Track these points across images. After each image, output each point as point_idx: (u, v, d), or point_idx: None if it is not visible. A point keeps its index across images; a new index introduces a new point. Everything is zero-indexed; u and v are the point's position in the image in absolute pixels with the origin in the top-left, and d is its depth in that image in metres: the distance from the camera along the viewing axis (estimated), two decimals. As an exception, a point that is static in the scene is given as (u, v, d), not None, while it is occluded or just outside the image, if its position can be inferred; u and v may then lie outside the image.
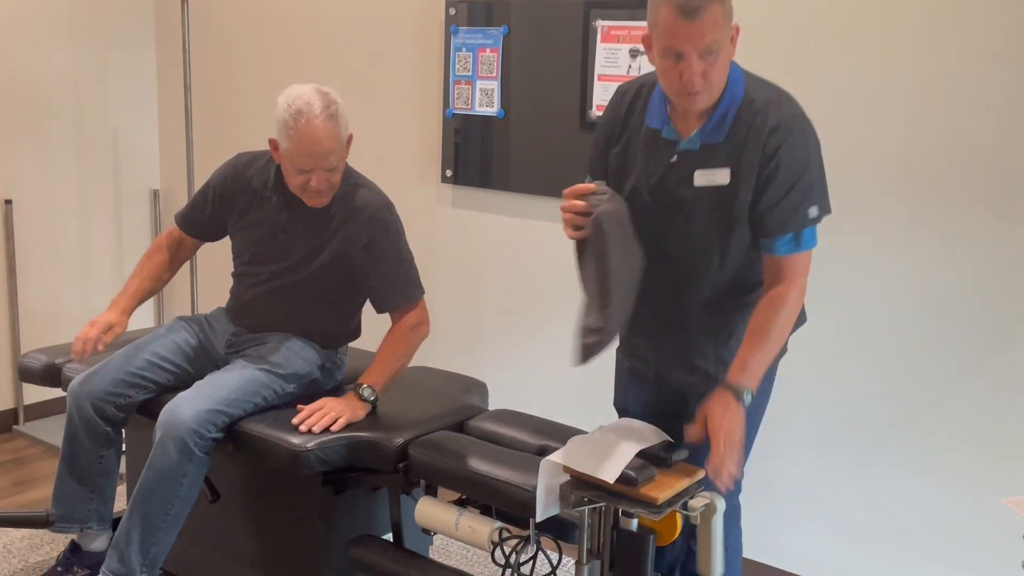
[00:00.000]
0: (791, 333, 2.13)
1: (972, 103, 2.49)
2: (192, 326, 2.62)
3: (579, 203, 1.95)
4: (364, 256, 2.43)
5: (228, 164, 2.63)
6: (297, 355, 2.45)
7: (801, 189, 1.98)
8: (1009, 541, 2.53)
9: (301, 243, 2.47)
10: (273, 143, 2.38)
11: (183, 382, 2.45)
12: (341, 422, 2.29)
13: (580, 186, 1.98)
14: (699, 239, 2.05)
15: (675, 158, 2.02)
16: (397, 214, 2.52)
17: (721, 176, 2.00)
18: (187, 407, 2.27)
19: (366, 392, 2.36)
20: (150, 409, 2.43)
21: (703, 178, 2.01)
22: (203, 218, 2.66)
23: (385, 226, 2.46)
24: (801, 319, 2.22)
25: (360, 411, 2.34)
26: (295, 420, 2.29)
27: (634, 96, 2.10)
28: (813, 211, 2.00)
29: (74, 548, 2.58)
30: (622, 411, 2.31)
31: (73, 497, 2.51)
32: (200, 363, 2.56)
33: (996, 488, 2.57)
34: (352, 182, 2.49)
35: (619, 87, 2.17)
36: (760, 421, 2.24)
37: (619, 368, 2.34)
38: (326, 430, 2.28)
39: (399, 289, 2.47)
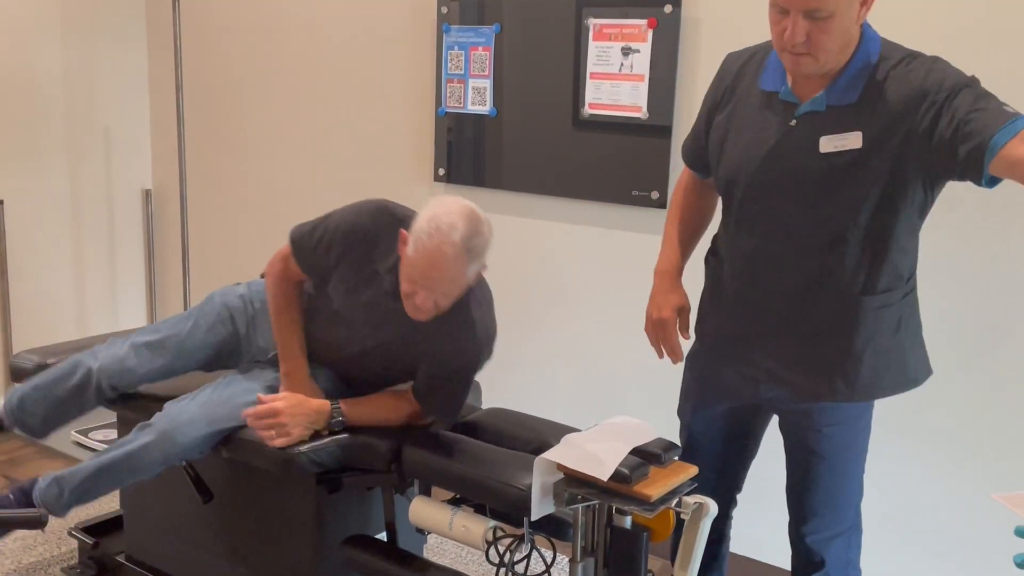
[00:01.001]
0: (918, 378, 1.97)
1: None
2: (234, 320, 2.51)
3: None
4: (433, 367, 2.26)
5: (366, 219, 2.30)
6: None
7: (983, 96, 1.69)
8: (1002, 536, 2.53)
9: (387, 335, 2.28)
10: (404, 237, 2.12)
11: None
12: (289, 441, 2.18)
13: None
14: (830, 215, 1.81)
15: (795, 122, 1.83)
16: (491, 349, 2.27)
17: (852, 140, 1.76)
18: (189, 429, 2.22)
19: (336, 418, 2.24)
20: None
21: (831, 144, 1.78)
22: (324, 265, 2.35)
23: (470, 362, 2.24)
24: (926, 366, 1.99)
25: (315, 427, 2.24)
26: (245, 412, 2.21)
27: (745, 62, 1.96)
28: (1010, 108, 1.68)
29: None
30: (689, 426, 2.23)
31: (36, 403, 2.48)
32: (223, 357, 2.51)
33: (990, 484, 2.57)
34: (466, 306, 2.20)
35: (728, 56, 2.02)
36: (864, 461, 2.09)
37: (700, 377, 2.17)
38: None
39: (439, 406, 2.30)
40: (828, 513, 2.07)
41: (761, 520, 2.97)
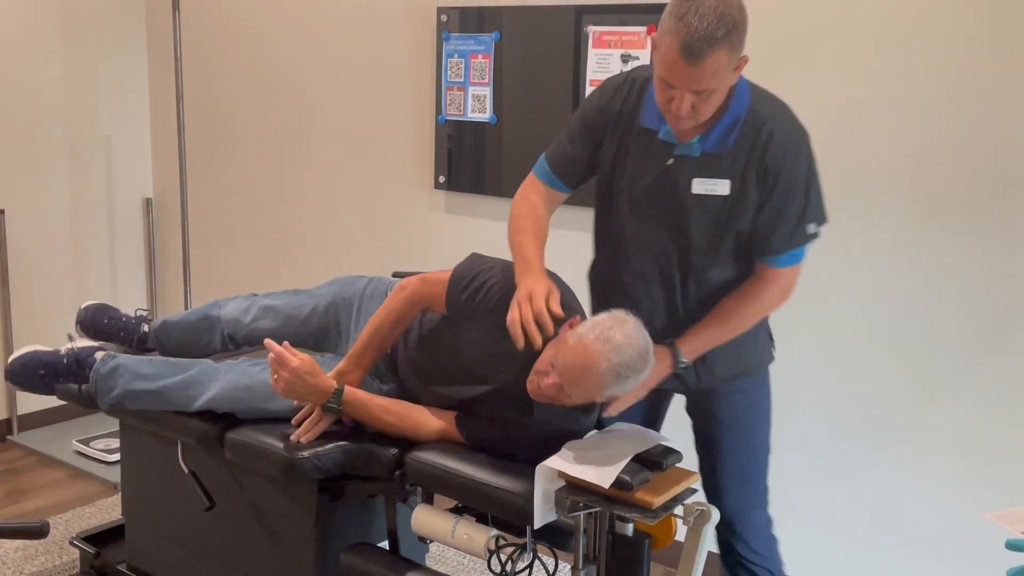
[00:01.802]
0: (761, 364, 2.24)
1: (965, 108, 2.50)
2: (338, 314, 2.51)
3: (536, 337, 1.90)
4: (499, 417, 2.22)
5: None
6: None
7: (803, 209, 2.01)
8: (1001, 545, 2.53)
9: (496, 383, 2.20)
10: (575, 322, 2.00)
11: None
12: (279, 390, 2.22)
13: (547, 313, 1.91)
14: (696, 240, 2.05)
15: (671, 161, 2.01)
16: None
17: (721, 187, 2.00)
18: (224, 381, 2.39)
19: (332, 403, 2.22)
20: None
21: (701, 186, 2.00)
22: (470, 313, 2.20)
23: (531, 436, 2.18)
24: (768, 355, 2.27)
25: (310, 401, 2.26)
26: (268, 342, 2.22)
27: (627, 91, 2.07)
28: (811, 228, 2.04)
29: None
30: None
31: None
32: (320, 341, 2.53)
33: (991, 490, 2.57)
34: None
35: (606, 81, 2.14)
36: (769, 430, 2.29)
37: None
38: (326, 435, 2.27)
39: (473, 437, 2.22)
40: (740, 485, 2.24)
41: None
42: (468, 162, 3.41)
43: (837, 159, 2.67)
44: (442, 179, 3.48)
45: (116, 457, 3.62)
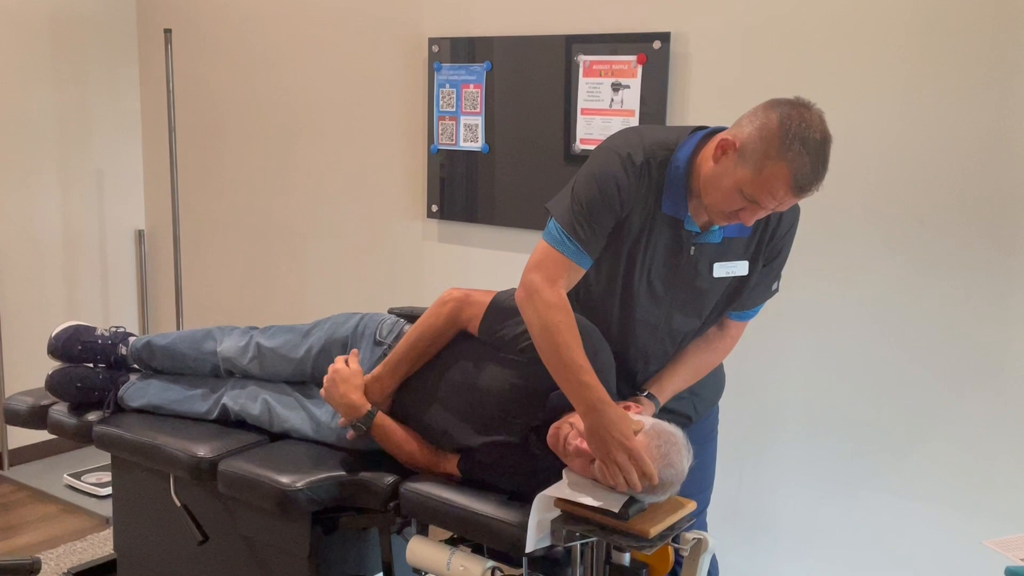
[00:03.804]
0: (719, 396, 2.33)
1: (954, 129, 2.51)
2: (332, 354, 2.47)
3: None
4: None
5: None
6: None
7: (780, 271, 2.11)
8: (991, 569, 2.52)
9: (510, 429, 2.18)
10: (636, 410, 2.02)
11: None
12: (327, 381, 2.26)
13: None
14: (704, 315, 2.10)
15: (693, 249, 1.99)
16: None
17: (740, 268, 2.03)
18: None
19: (361, 425, 2.22)
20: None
21: (722, 270, 2.02)
22: (500, 343, 2.17)
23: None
24: (721, 385, 2.34)
25: (339, 411, 2.27)
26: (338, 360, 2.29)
27: (649, 174, 1.95)
28: (776, 285, 2.14)
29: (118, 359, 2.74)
30: None
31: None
32: (308, 378, 2.54)
33: (987, 514, 2.56)
34: None
35: (624, 157, 1.94)
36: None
37: None
38: (320, 466, 2.27)
39: (472, 472, 2.22)
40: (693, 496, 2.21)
41: (760, 552, 2.95)
42: (461, 191, 3.42)
43: (830, 187, 2.69)
44: (435, 208, 3.48)
45: (108, 491, 3.59)
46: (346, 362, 2.27)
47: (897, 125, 2.58)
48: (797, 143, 1.75)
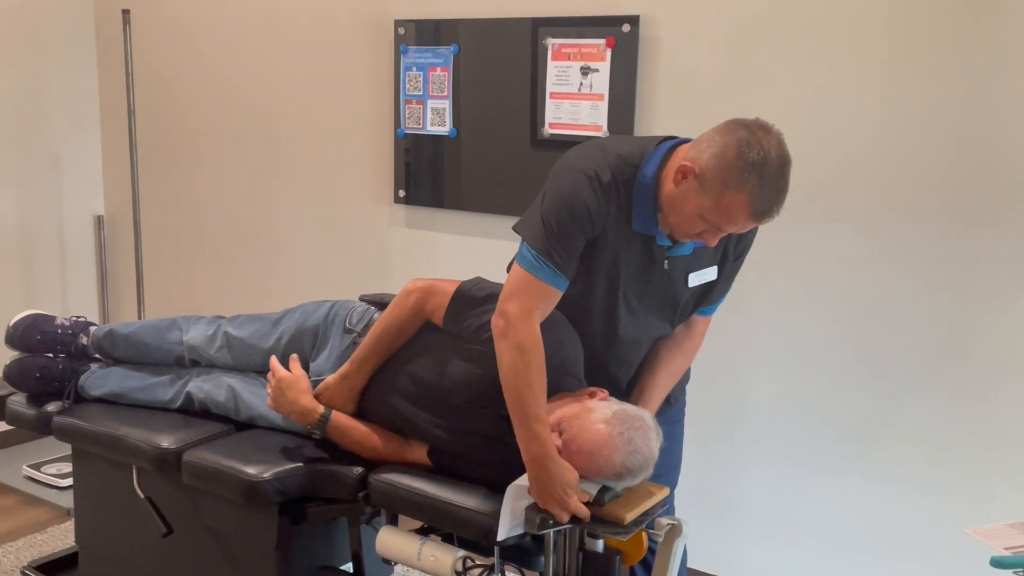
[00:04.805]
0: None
1: (926, 119, 2.52)
2: (303, 344, 2.43)
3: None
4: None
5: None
6: None
7: (736, 268, 2.14)
8: (967, 544, 2.55)
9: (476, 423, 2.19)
10: (601, 395, 1.99)
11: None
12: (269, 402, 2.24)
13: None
14: (679, 320, 2.13)
15: (667, 263, 2.00)
16: None
17: (711, 273, 2.07)
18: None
19: (315, 429, 2.21)
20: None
21: (696, 279, 2.05)
22: (465, 332, 2.16)
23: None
24: (689, 369, 2.33)
25: (292, 420, 2.24)
26: (273, 359, 2.25)
27: (618, 192, 1.93)
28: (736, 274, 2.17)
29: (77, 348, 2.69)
30: None
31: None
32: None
33: (953, 493, 2.59)
34: None
35: (592, 175, 1.91)
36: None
37: None
38: (287, 456, 2.23)
39: (443, 467, 2.22)
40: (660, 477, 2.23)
41: (728, 536, 2.96)
42: (427, 176, 3.38)
43: (806, 170, 2.69)
44: (402, 193, 3.44)
45: (68, 482, 3.53)
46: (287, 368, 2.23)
47: (868, 113, 2.58)
48: (755, 174, 1.75)
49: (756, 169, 1.75)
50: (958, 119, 2.47)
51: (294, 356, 2.27)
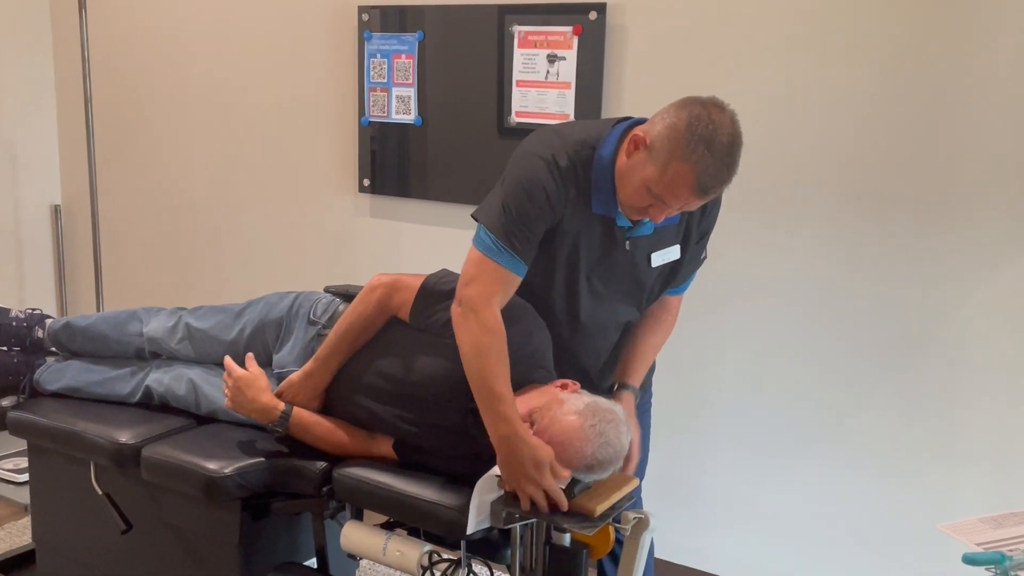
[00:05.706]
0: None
1: (890, 106, 2.52)
2: (266, 336, 2.39)
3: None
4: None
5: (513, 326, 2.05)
6: None
7: (707, 241, 2.13)
8: (932, 533, 2.56)
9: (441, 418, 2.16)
10: (571, 387, 1.97)
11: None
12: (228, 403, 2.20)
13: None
14: (646, 302, 2.13)
15: (628, 244, 1.99)
16: None
17: (674, 253, 2.05)
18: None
19: (276, 426, 2.18)
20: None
21: (659, 259, 2.04)
22: (433, 327, 2.13)
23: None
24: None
25: (252, 418, 2.21)
26: (228, 359, 2.21)
27: (575, 175, 1.92)
28: (704, 254, 2.16)
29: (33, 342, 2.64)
30: None
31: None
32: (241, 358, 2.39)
33: (918, 483, 2.60)
34: None
35: (549, 159, 1.91)
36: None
37: None
38: (249, 450, 2.19)
39: (411, 462, 2.19)
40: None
41: (694, 526, 2.97)
42: (393, 165, 3.33)
43: (751, 165, 2.68)
44: (366, 182, 3.40)
45: (25, 477, 3.45)
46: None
47: (834, 99, 2.58)
48: (702, 145, 1.75)
49: (704, 142, 1.75)
50: (918, 107, 2.48)
51: (250, 355, 2.23)
